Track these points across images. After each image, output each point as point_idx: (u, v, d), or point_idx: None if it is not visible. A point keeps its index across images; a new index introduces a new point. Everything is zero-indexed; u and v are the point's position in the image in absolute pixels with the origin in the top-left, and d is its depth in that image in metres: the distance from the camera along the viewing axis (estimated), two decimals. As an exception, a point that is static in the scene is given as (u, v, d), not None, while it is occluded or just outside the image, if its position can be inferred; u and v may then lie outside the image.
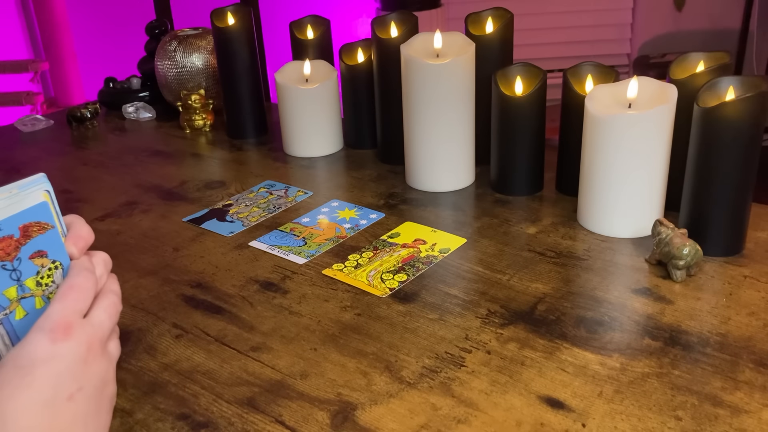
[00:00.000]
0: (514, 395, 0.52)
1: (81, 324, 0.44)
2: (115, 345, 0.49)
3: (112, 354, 0.48)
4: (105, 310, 0.47)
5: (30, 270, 0.45)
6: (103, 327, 0.46)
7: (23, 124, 1.21)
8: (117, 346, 0.49)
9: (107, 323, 0.47)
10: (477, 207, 0.83)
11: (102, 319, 0.46)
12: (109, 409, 0.46)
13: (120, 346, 0.49)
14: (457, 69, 0.81)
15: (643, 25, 2.79)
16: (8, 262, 0.44)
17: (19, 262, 0.44)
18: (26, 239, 0.44)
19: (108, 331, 0.47)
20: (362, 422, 0.50)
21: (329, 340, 0.59)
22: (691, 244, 0.63)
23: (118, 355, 0.49)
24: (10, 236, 0.43)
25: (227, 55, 1.06)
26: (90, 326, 0.45)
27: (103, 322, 0.46)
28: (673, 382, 0.52)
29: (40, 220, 0.45)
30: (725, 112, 0.63)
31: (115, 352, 0.48)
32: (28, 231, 0.44)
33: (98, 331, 0.45)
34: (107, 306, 0.47)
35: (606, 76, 0.78)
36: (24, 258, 0.44)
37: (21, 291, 0.45)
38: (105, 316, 0.47)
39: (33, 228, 0.44)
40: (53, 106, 2.51)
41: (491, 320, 0.61)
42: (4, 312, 0.45)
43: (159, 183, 0.95)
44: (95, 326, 0.45)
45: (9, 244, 0.43)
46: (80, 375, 0.43)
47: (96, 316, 0.46)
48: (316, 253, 0.74)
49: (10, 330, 0.45)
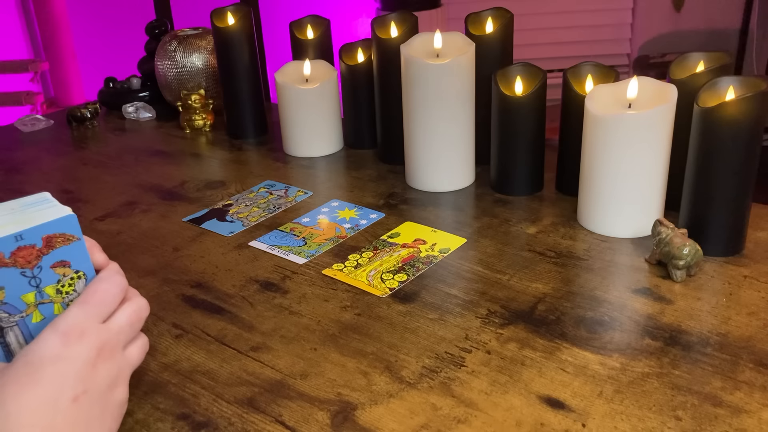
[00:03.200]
0: (514, 395, 0.52)
1: (96, 329, 0.45)
2: (137, 351, 0.49)
3: (130, 359, 0.48)
4: (127, 317, 0.47)
5: (51, 278, 0.46)
6: (120, 333, 0.46)
7: (23, 124, 1.22)
8: (139, 352, 0.49)
9: (127, 329, 0.47)
10: (477, 207, 0.83)
11: (121, 325, 0.47)
12: (116, 414, 0.46)
13: (144, 352, 0.50)
14: (457, 69, 0.81)
15: (642, 25, 2.79)
16: (28, 269, 0.44)
17: (39, 270, 0.45)
18: (49, 249, 0.45)
19: (126, 337, 0.47)
20: (362, 422, 0.50)
21: (329, 340, 0.59)
22: (691, 244, 0.63)
23: (137, 361, 0.49)
24: (32, 246, 0.44)
25: (227, 55, 1.06)
26: (106, 332, 0.45)
27: (122, 328, 0.47)
28: (673, 382, 0.52)
29: (66, 232, 0.45)
30: (725, 112, 0.63)
31: (133, 358, 0.48)
32: (51, 242, 0.45)
33: (114, 337, 0.46)
34: (131, 312, 0.48)
35: (606, 76, 0.78)
36: (45, 267, 0.45)
37: (39, 297, 0.46)
38: (126, 322, 0.47)
39: (57, 239, 0.45)
40: (53, 106, 2.51)
41: (491, 320, 0.61)
42: (20, 314, 0.45)
43: (159, 183, 0.95)
44: (111, 332, 0.46)
45: (30, 252, 0.44)
46: (87, 378, 0.43)
47: (115, 322, 0.46)
48: (316, 253, 0.74)
49: (26, 331, 0.46)
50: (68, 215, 0.45)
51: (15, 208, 0.46)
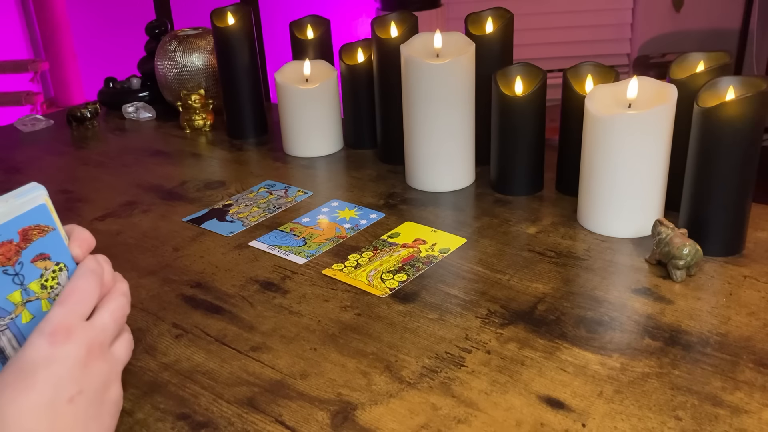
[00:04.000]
0: (514, 395, 0.52)
1: (81, 327, 0.44)
2: (123, 347, 0.48)
3: (117, 356, 0.47)
4: (110, 313, 0.47)
5: (33, 273, 0.45)
6: (105, 330, 0.46)
7: (23, 124, 1.21)
8: (125, 348, 0.48)
9: (111, 326, 0.46)
10: (477, 207, 0.83)
11: (105, 322, 0.46)
12: (112, 411, 0.46)
13: (130, 348, 0.49)
14: (457, 69, 0.81)
15: (642, 25, 2.79)
16: (10, 267, 0.44)
17: (21, 266, 0.44)
18: (27, 243, 0.44)
19: (111, 333, 0.47)
20: (362, 422, 0.50)
21: (329, 340, 0.59)
22: (691, 244, 0.63)
23: (125, 358, 0.48)
24: (9, 241, 0.43)
25: (227, 55, 1.06)
26: (91, 329, 0.45)
27: (106, 325, 0.46)
28: (673, 382, 0.52)
29: (40, 223, 0.44)
30: (725, 112, 0.63)
31: (121, 355, 0.48)
32: (27, 235, 0.44)
33: (100, 334, 0.45)
34: (114, 309, 0.47)
35: (606, 76, 0.78)
36: (26, 262, 0.44)
37: (26, 294, 0.45)
38: (109, 318, 0.46)
39: (33, 231, 0.44)
40: (53, 106, 2.51)
41: (491, 320, 0.61)
42: (10, 316, 0.45)
43: (159, 183, 0.95)
44: (97, 329, 0.45)
45: (9, 249, 0.43)
46: (80, 378, 0.43)
47: (99, 319, 0.46)
48: (316, 253, 0.74)
49: (18, 333, 0.45)
50: (39, 205, 0.44)
51: None
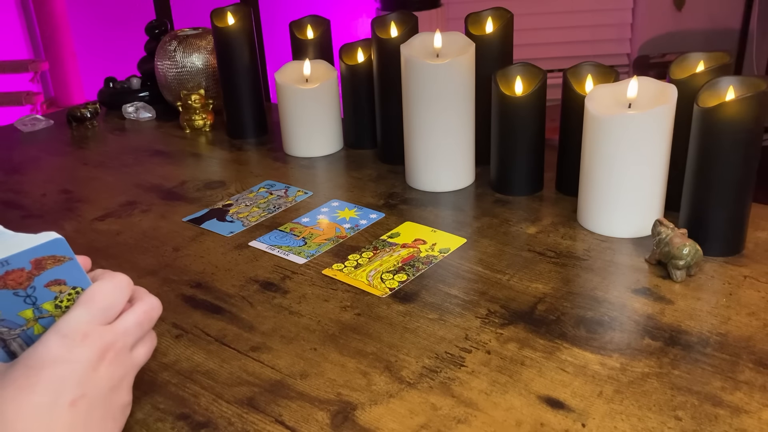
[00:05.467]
0: (514, 395, 0.52)
1: (100, 331, 0.43)
2: (144, 350, 0.47)
3: (135, 359, 0.46)
4: (136, 317, 0.46)
5: (47, 296, 0.45)
6: (127, 334, 0.45)
7: (23, 124, 1.21)
8: (145, 351, 0.48)
9: (134, 330, 0.46)
10: (477, 207, 0.83)
11: (128, 326, 0.45)
12: (118, 416, 0.45)
13: (151, 350, 0.48)
14: (457, 69, 0.81)
15: (643, 25, 2.79)
16: (21, 290, 0.43)
17: (33, 289, 0.44)
18: (39, 271, 0.43)
19: (134, 338, 0.46)
20: (362, 422, 0.50)
21: (329, 340, 0.59)
22: (691, 244, 0.63)
23: (144, 360, 0.48)
24: (20, 269, 0.43)
25: (227, 55, 1.06)
26: (111, 333, 0.44)
27: (129, 329, 0.45)
28: (673, 382, 0.52)
29: (56, 254, 0.44)
30: (725, 112, 0.63)
31: (140, 358, 0.47)
32: (41, 264, 0.43)
33: (120, 338, 0.44)
34: (140, 312, 0.46)
35: (606, 76, 0.78)
36: (39, 286, 0.44)
37: (38, 312, 0.45)
38: (133, 322, 0.46)
39: (47, 261, 0.44)
40: (53, 106, 2.51)
41: (491, 320, 0.61)
42: (21, 328, 0.44)
43: (159, 183, 0.95)
44: (117, 333, 0.44)
45: (20, 275, 0.43)
46: (86, 381, 0.42)
47: (122, 323, 0.45)
48: (316, 253, 0.74)
49: (28, 341, 0.45)
50: (56, 239, 0.43)
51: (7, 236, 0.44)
